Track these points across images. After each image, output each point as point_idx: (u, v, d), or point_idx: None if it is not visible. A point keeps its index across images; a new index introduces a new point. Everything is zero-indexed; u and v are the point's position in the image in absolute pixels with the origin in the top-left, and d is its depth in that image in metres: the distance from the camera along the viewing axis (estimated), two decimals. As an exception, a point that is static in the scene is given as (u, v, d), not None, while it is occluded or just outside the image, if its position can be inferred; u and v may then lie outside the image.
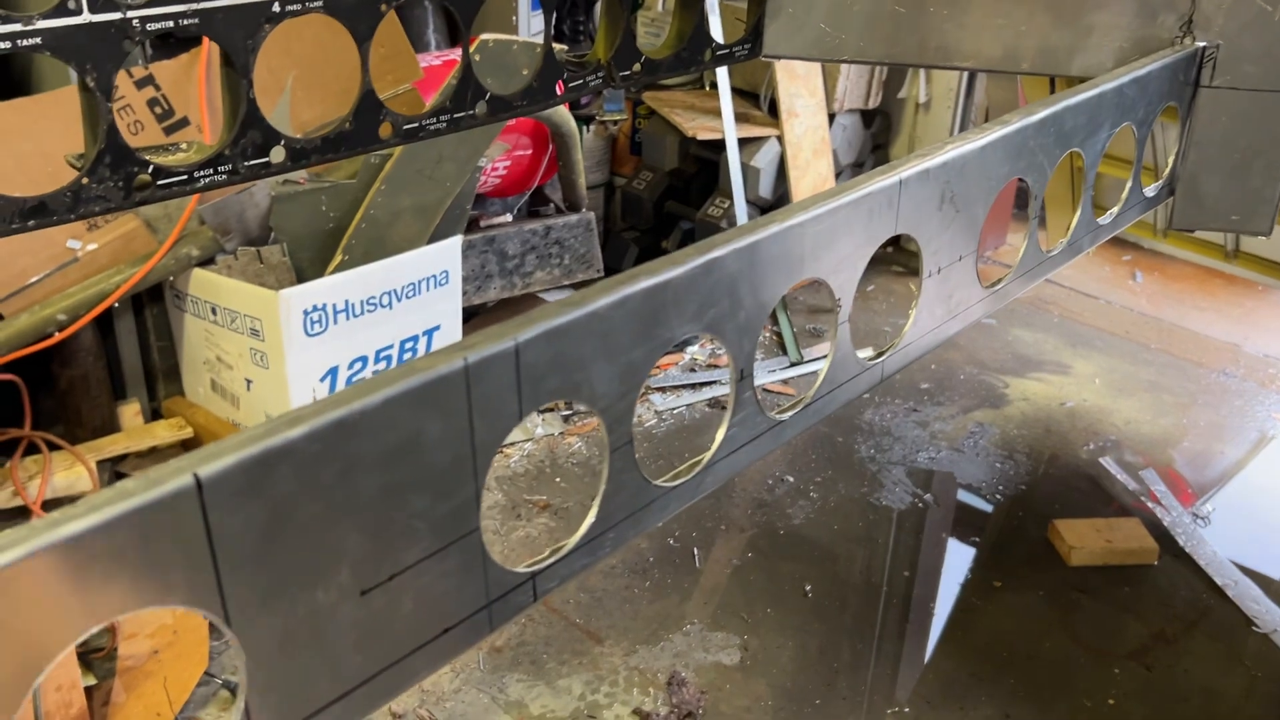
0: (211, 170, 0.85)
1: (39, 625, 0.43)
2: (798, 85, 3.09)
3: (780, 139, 3.12)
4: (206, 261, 2.26)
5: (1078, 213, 1.05)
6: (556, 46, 1.10)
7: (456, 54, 2.71)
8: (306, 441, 0.49)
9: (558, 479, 2.51)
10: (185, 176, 0.84)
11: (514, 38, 2.33)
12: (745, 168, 3.09)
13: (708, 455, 0.73)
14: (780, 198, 3.19)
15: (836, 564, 2.28)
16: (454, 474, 0.56)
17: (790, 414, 0.78)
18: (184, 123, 2.22)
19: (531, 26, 2.96)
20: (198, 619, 1.74)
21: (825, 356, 0.81)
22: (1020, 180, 0.94)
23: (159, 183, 0.83)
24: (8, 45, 0.74)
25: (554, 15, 1.09)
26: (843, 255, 0.77)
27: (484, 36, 2.25)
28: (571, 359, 0.61)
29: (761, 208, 3.19)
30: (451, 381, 0.55)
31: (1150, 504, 2.45)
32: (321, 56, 2.15)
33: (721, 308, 0.68)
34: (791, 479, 2.53)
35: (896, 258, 3.35)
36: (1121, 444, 2.70)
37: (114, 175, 0.81)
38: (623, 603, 2.14)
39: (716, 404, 2.81)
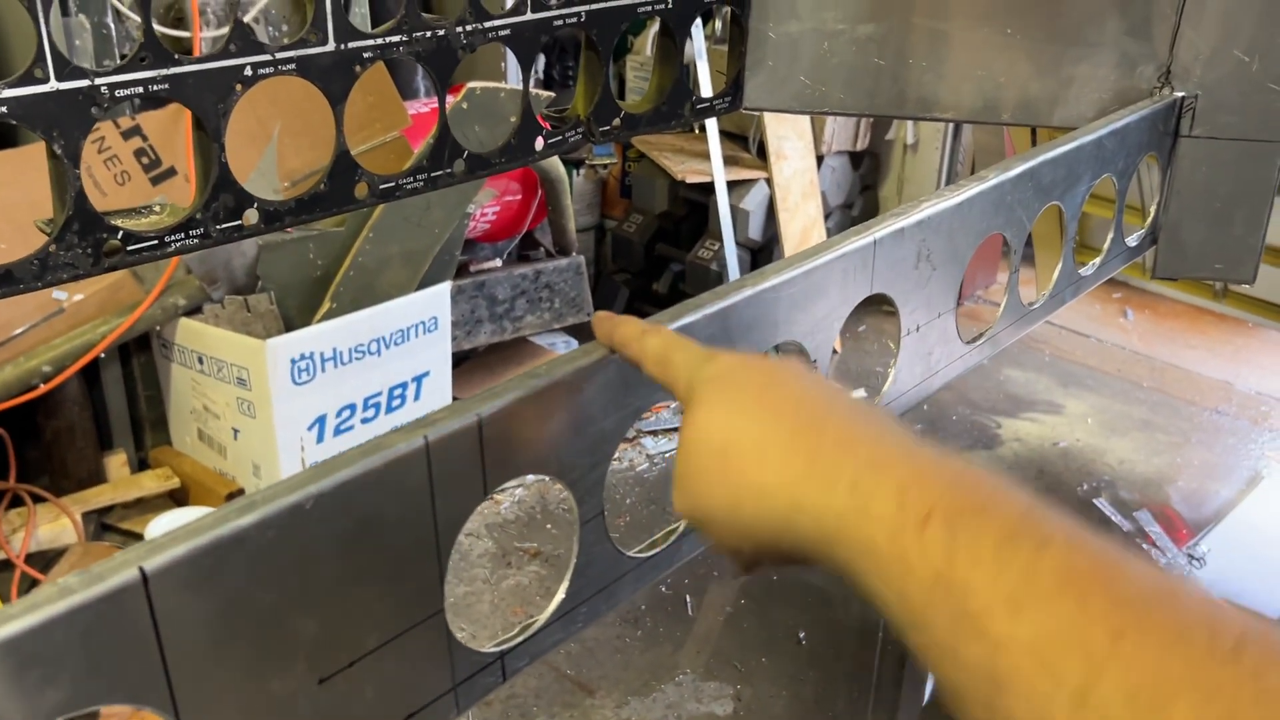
0: (183, 235, 0.84)
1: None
2: (786, 128, 3.10)
3: (769, 181, 3.13)
4: (193, 310, 2.25)
5: (1059, 265, 1.04)
6: (543, 94, 1.10)
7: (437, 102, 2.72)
8: (259, 529, 0.48)
9: (549, 525, 2.49)
10: (156, 241, 0.83)
11: (502, 85, 2.34)
12: (734, 210, 3.10)
13: (684, 523, 0.71)
14: (770, 239, 3.20)
15: (831, 609, 2.25)
16: (416, 556, 0.55)
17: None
18: (171, 172, 2.22)
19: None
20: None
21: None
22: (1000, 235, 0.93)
23: (129, 248, 0.82)
24: (-28, 115, 0.73)
25: (531, 70, 1.09)
26: (818, 317, 0.76)
27: (471, 85, 2.26)
28: (538, 432, 0.59)
29: (751, 249, 3.19)
30: (411, 461, 0.53)
31: (1145, 545, 2.43)
32: (308, 107, 2.15)
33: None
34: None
35: (888, 298, 3.34)
36: (1116, 484, 2.69)
37: (82, 242, 0.80)
38: (614, 652, 2.11)
39: (708, 447, 2.79)
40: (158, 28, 2.28)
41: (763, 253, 3.21)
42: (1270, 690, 0.34)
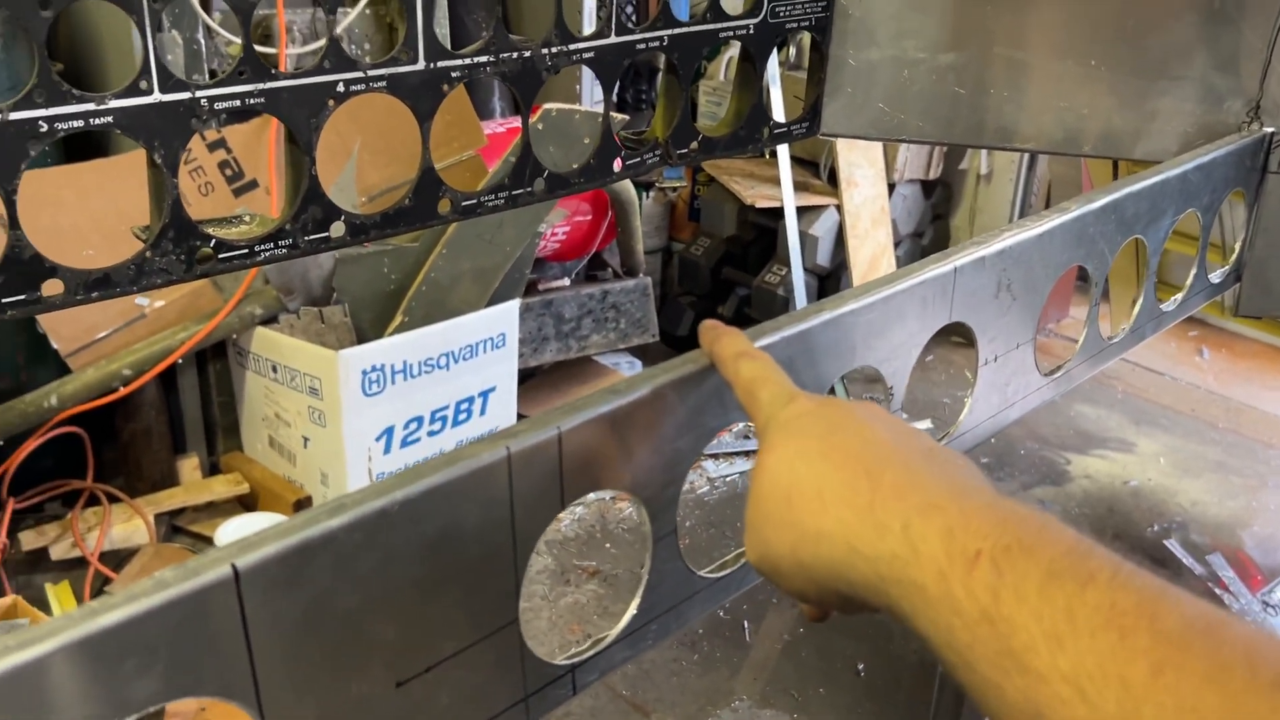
0: (272, 244, 0.87)
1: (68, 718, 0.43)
2: (857, 155, 3.10)
3: (839, 208, 3.12)
4: (270, 320, 2.30)
5: (1140, 300, 1.03)
6: (617, 117, 1.11)
7: (519, 121, 2.76)
8: (346, 531, 0.49)
9: (608, 545, 2.50)
10: (246, 250, 0.85)
11: (576, 108, 2.36)
12: (803, 236, 3.09)
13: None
14: (838, 266, 3.18)
15: (891, 642, 2.22)
16: (494, 565, 0.56)
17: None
18: (253, 185, 2.28)
19: (595, 95, 3.00)
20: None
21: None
22: (1080, 267, 0.92)
23: (220, 256, 0.85)
24: (81, 123, 0.76)
25: (612, 93, 1.10)
26: (896, 343, 0.76)
27: (546, 106, 2.29)
28: (616, 448, 0.60)
29: (819, 275, 3.18)
30: (494, 471, 0.54)
31: (1218, 590, 2.37)
32: (387, 125, 2.20)
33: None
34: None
35: (955, 328, 3.30)
36: (1188, 526, 2.62)
37: (177, 249, 0.83)
38: (670, 675, 2.10)
39: (770, 473, 2.78)
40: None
41: (830, 279, 3.20)
42: None
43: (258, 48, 0.83)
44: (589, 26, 1.03)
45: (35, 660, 0.41)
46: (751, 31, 1.13)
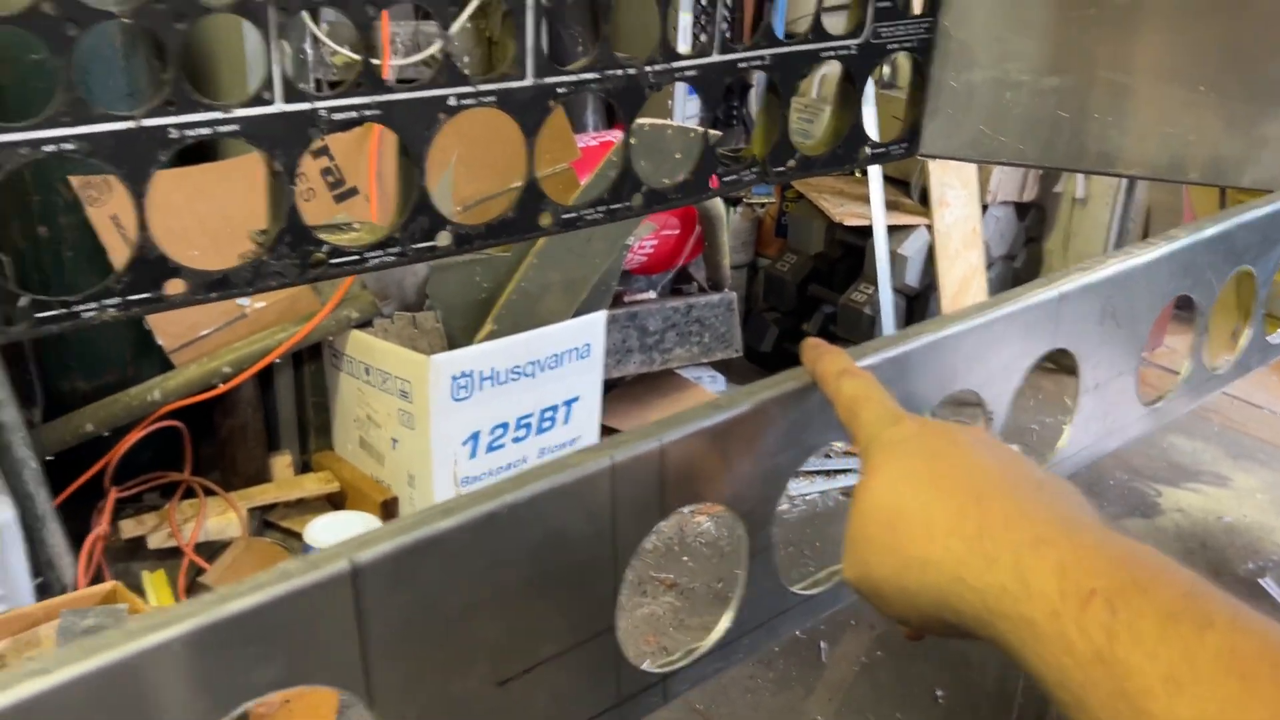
0: (382, 252, 0.90)
1: (190, 703, 0.45)
2: (950, 175, 3.06)
3: (929, 228, 3.09)
4: (364, 324, 2.36)
5: (1248, 331, 1.00)
6: (712, 133, 1.13)
7: (612, 135, 2.79)
8: (457, 532, 0.50)
9: (685, 558, 2.50)
10: (357, 257, 0.88)
11: (669, 123, 2.38)
12: (893, 255, 3.07)
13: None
14: (927, 287, 3.15)
15: (970, 670, 2.19)
16: (594, 571, 0.57)
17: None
18: (353, 192, 2.34)
19: (686, 110, 3.02)
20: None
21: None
22: (1187, 297, 0.91)
23: (332, 261, 0.88)
24: (209, 131, 0.79)
25: (715, 110, 1.11)
26: (997, 368, 0.76)
27: (639, 121, 2.31)
28: (716, 461, 0.61)
29: (908, 296, 3.15)
30: (597, 480, 0.56)
31: (1317, 634, 2.28)
32: (482, 137, 2.24)
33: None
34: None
35: (1050, 353, 3.24)
36: (1285, 566, 2.54)
37: (292, 253, 0.86)
38: (745, 692, 2.10)
39: (849, 494, 2.76)
40: (348, 54, 2.41)
41: (919, 300, 3.17)
42: None
43: (360, 58, 0.85)
44: (683, 44, 1.05)
45: (165, 642, 0.43)
46: (854, 52, 1.13)
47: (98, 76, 2.08)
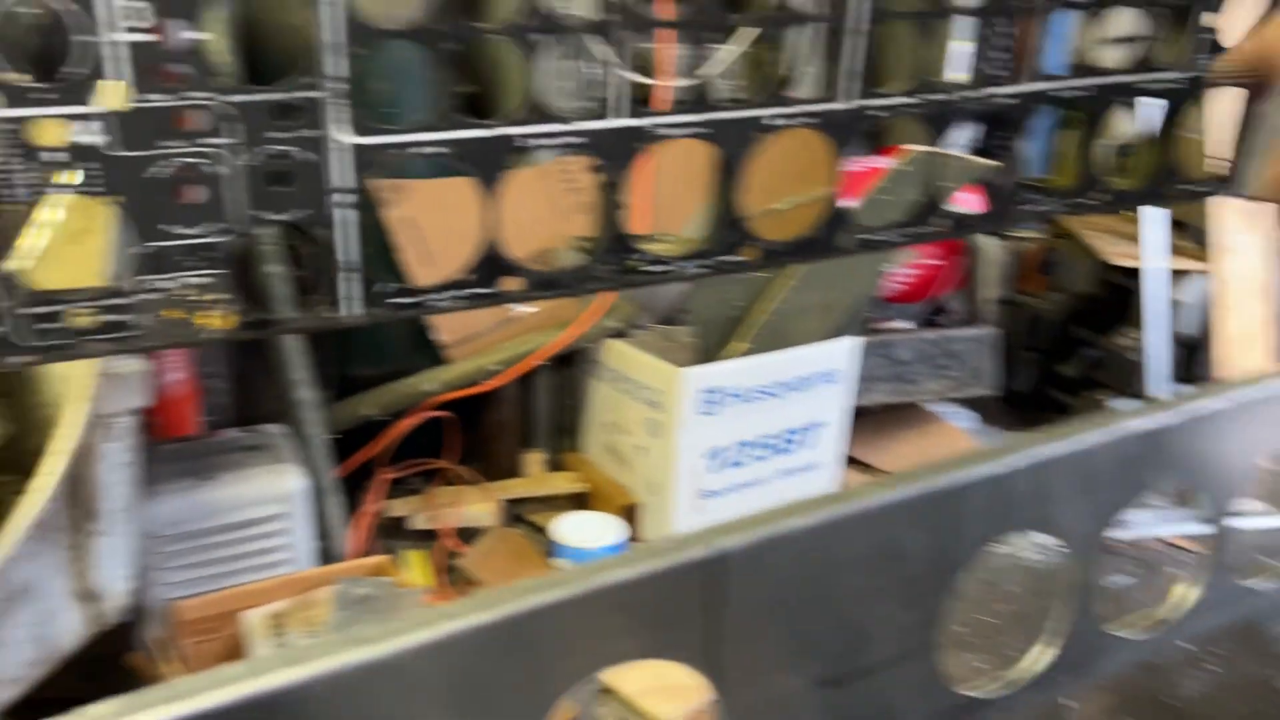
0: (696, 262, 0.93)
1: (561, 660, 0.48)
2: (1238, 220, 2.87)
3: (1209, 274, 2.91)
4: (621, 333, 2.44)
5: None
6: (990, 163, 1.11)
7: (874, 161, 2.77)
8: (807, 535, 0.52)
9: (1007, 585, 2.44)
10: (674, 266, 0.92)
11: (944, 151, 2.35)
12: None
13: (1167, 612, 0.69)
14: (1203, 336, 2.96)
15: (1227, 748, 2.04)
16: (922, 589, 0.58)
17: (1260, 581, 0.73)
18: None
19: (957, 139, 2.96)
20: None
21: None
22: None
23: (650, 269, 0.92)
24: (554, 143, 0.85)
25: (1020, 140, 1.10)
26: None
27: (913, 148, 2.29)
28: (1052, 492, 0.60)
29: (1182, 344, 2.97)
30: (937, 499, 0.56)
31: None
32: (787, 157, 2.27)
33: (1210, 463, 0.65)
34: (1188, 644, 2.30)
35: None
36: None
37: (614, 260, 0.91)
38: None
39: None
40: (628, 75, 2.51)
41: (1199, 350, 2.98)
42: None
43: (638, 78, 0.90)
44: (958, 71, 1.04)
45: (548, 605, 0.47)
46: (1178, 86, 1.09)
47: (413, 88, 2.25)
